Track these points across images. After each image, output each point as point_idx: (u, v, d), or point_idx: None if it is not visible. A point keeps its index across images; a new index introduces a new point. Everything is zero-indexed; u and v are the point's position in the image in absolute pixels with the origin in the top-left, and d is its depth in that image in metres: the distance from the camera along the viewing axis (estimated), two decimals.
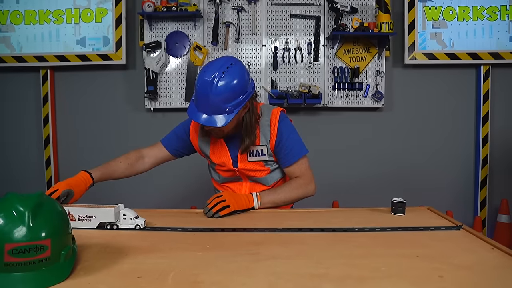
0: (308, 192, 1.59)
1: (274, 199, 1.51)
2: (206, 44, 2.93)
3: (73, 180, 1.42)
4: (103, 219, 1.22)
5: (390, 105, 3.04)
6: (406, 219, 1.35)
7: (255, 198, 1.47)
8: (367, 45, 2.93)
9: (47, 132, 3.06)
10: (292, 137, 1.58)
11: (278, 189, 1.56)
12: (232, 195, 1.44)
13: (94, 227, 1.22)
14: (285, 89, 2.91)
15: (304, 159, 1.61)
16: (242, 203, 1.44)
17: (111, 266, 0.92)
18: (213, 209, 1.36)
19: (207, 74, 1.35)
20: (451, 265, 0.92)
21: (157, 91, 2.93)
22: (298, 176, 1.59)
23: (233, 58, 1.45)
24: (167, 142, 1.69)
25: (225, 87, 1.35)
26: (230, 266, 0.92)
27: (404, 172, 3.09)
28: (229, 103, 1.38)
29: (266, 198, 1.49)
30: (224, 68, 1.36)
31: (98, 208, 1.22)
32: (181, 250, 1.05)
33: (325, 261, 0.95)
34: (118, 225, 1.22)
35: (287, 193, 1.54)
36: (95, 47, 2.95)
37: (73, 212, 1.22)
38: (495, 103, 3.03)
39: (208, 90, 1.34)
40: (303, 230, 1.21)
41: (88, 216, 1.22)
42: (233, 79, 1.36)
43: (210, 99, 1.35)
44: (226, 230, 1.22)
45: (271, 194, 1.52)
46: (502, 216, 2.90)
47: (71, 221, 1.18)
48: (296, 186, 1.56)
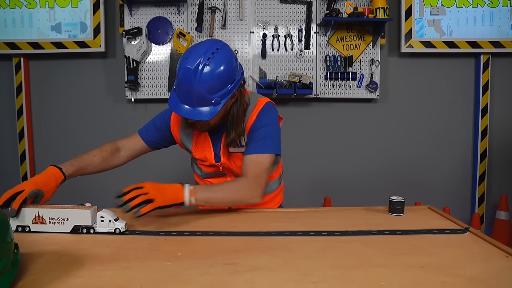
0: (250, 200, 1.32)
1: (209, 197, 1.26)
2: (190, 31, 2.78)
3: (41, 178, 1.23)
4: (78, 222, 1.08)
5: (385, 96, 2.92)
6: (405, 220, 1.22)
7: (187, 193, 1.20)
8: (361, 32, 2.79)
9: (22, 125, 2.89)
10: (268, 130, 1.37)
11: (217, 186, 1.35)
12: (157, 187, 1.17)
13: (67, 231, 1.08)
14: (274, 78, 2.78)
15: (267, 157, 1.35)
16: (169, 198, 1.18)
17: (60, 281, 0.78)
18: (131, 202, 1.10)
19: (190, 60, 1.19)
20: (462, 278, 0.78)
21: (138, 81, 2.77)
22: (247, 174, 1.33)
23: (219, 41, 1.28)
24: (145, 133, 1.52)
25: (210, 76, 1.19)
26: (201, 280, 0.78)
27: (399, 167, 2.98)
28: (216, 94, 1.23)
29: (201, 194, 1.23)
30: (209, 53, 1.20)
31: (72, 209, 1.08)
32: (148, 258, 0.90)
33: (314, 273, 0.81)
34: (95, 228, 1.08)
35: (226, 193, 1.30)
36: (72, 34, 2.77)
37: (43, 214, 1.08)
38: (494, 95, 2.93)
39: (192, 79, 1.18)
40: (289, 234, 1.07)
41: (60, 218, 1.08)
42: (219, 66, 1.21)
43: (194, 89, 1.20)
44: (202, 234, 1.08)
45: (207, 191, 1.28)
46: (501, 212, 2.81)
47: (41, 224, 1.07)
48: (238, 188, 1.31)
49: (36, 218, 1.08)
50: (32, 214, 1.08)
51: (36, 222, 1.08)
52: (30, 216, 1.08)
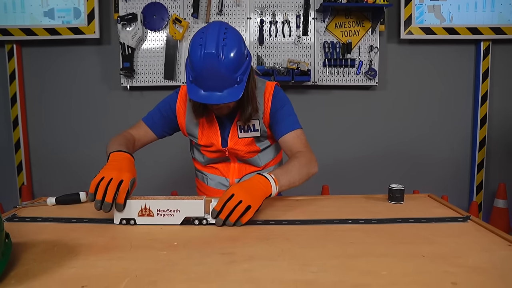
0: (315, 170, 1.32)
1: (290, 180, 1.20)
2: (187, 17, 2.72)
3: (128, 165, 1.13)
4: (190, 214, 1.03)
5: (384, 83, 2.89)
6: (405, 209, 1.20)
7: (273, 183, 1.12)
8: (360, 19, 2.75)
9: (16, 112, 2.84)
10: (288, 108, 1.43)
11: (290, 166, 1.24)
12: (245, 189, 1.05)
13: (178, 223, 1.03)
14: (272, 65, 2.74)
15: (301, 131, 1.42)
16: (260, 195, 1.08)
17: (53, 271, 0.76)
18: (230, 218, 1.01)
19: (208, 45, 1.16)
20: (464, 267, 0.76)
21: (133, 68, 2.73)
22: (300, 149, 1.35)
23: (222, 22, 1.26)
24: (152, 123, 1.46)
25: (231, 56, 1.18)
26: (197, 270, 0.76)
27: (397, 154, 2.97)
28: (238, 72, 1.22)
29: (283, 180, 1.16)
30: (222, 34, 1.19)
31: (183, 200, 1.03)
32: (143, 248, 0.88)
33: (313, 262, 0.79)
34: (208, 219, 1.03)
35: (300, 171, 1.25)
36: (65, 20, 2.72)
37: (150, 206, 1.02)
38: (494, 82, 2.90)
39: (216, 63, 1.16)
40: (288, 222, 1.05)
41: (170, 210, 1.03)
42: (234, 44, 1.20)
43: (221, 72, 1.17)
44: (198, 223, 1.05)
45: (285, 174, 1.20)
46: (499, 201, 2.80)
47: (148, 216, 1.02)
48: (305, 161, 1.28)
49: (143, 211, 1.03)
50: (138, 206, 1.03)
51: (142, 215, 1.03)
52: (136, 209, 1.03)
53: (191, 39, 1.22)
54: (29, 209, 1.22)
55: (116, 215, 1.04)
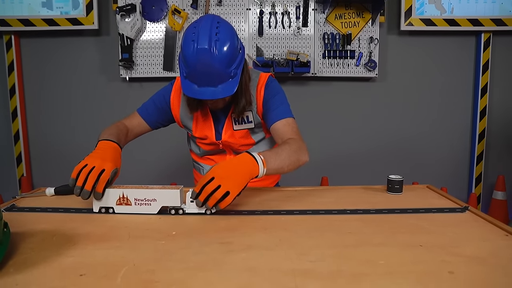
0: (305, 159, 1.26)
1: (279, 164, 1.14)
2: (186, 8, 2.70)
3: (114, 155, 1.14)
4: (166, 203, 1.04)
5: (384, 75, 2.87)
6: (403, 199, 1.20)
7: (261, 164, 1.07)
8: (360, 10, 2.72)
9: (14, 104, 2.84)
10: (280, 97, 1.40)
11: (280, 150, 1.18)
12: (227, 171, 1.01)
13: (155, 212, 1.04)
14: (271, 56, 2.72)
15: (293, 120, 1.39)
16: (244, 178, 1.02)
17: (52, 260, 0.76)
18: (208, 202, 0.99)
19: (201, 41, 1.14)
20: (462, 257, 0.76)
21: (132, 59, 2.71)
22: (291, 136, 1.31)
23: (214, 15, 1.25)
24: (146, 113, 1.46)
25: (224, 50, 1.17)
26: (196, 259, 0.76)
27: (396, 146, 2.96)
28: (232, 66, 1.21)
29: (272, 163, 1.11)
30: (214, 29, 1.17)
31: (160, 189, 1.03)
32: (141, 238, 0.88)
33: (311, 252, 0.79)
34: (184, 209, 1.04)
35: (290, 156, 1.18)
36: (64, 10, 2.70)
37: (128, 195, 1.03)
38: (494, 74, 2.88)
39: (209, 58, 1.15)
40: (286, 212, 1.05)
41: (147, 199, 1.03)
42: (227, 38, 1.18)
43: (214, 68, 1.16)
44: (197, 213, 1.05)
45: (274, 157, 1.14)
46: (498, 193, 2.81)
47: (126, 205, 1.02)
48: (295, 148, 1.23)
49: (121, 199, 1.04)
50: (116, 195, 1.04)
51: (120, 204, 1.04)
52: (115, 197, 1.04)
53: (183, 34, 1.20)
54: (28, 199, 1.22)
55: (95, 204, 1.05)
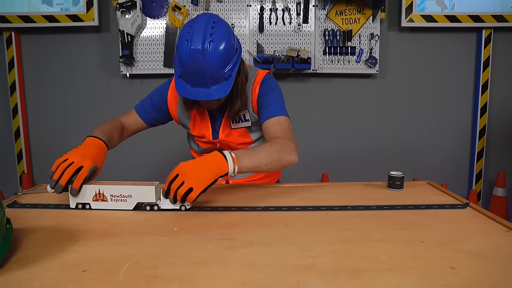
0: (291, 159, 1.20)
1: (255, 162, 1.10)
2: (186, 4, 2.70)
3: (95, 153, 1.13)
4: (142, 199, 1.04)
5: (384, 72, 2.87)
6: (404, 196, 1.20)
7: (230, 162, 1.04)
8: (361, 6, 2.72)
9: (15, 101, 2.83)
10: (275, 95, 1.36)
11: (258, 148, 1.15)
12: (192, 168, 1.00)
13: (130, 208, 1.04)
14: (272, 53, 2.72)
15: (285, 118, 1.32)
16: (209, 175, 1.01)
17: (54, 256, 0.76)
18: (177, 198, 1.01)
19: (194, 41, 1.12)
20: (463, 252, 0.77)
21: (133, 56, 2.71)
22: (279, 135, 1.26)
23: (211, 14, 1.22)
24: (142, 111, 1.46)
25: (218, 52, 1.15)
26: (198, 255, 0.76)
27: (397, 142, 2.97)
28: (226, 68, 1.19)
29: (245, 161, 1.08)
30: (209, 29, 1.15)
31: (135, 186, 1.04)
32: (143, 234, 0.88)
33: (313, 248, 0.79)
34: (159, 205, 1.04)
35: (269, 155, 1.14)
36: (64, 7, 2.69)
37: (104, 191, 1.04)
38: (495, 71, 2.88)
39: (201, 60, 1.13)
40: (287, 208, 1.05)
41: (123, 195, 1.04)
42: (223, 38, 1.16)
43: (206, 69, 1.15)
44: (199, 209, 1.06)
45: (250, 155, 1.10)
46: (498, 189, 2.81)
47: (102, 201, 1.03)
48: (279, 147, 1.18)
49: (97, 195, 1.04)
50: (92, 191, 1.04)
51: (97, 200, 1.05)
52: (91, 194, 1.05)
53: (179, 33, 1.20)
54: (30, 196, 1.22)
55: (71, 200, 1.06)
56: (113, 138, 1.33)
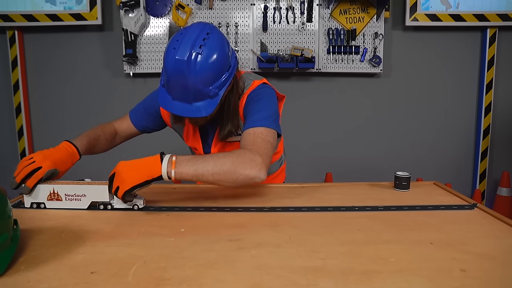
0: (251, 174, 1.03)
1: (198, 170, 1.01)
2: (190, 3, 2.69)
3: (60, 156, 1.14)
4: (96, 198, 1.05)
5: (388, 71, 2.86)
6: (411, 196, 1.20)
7: (165, 164, 0.99)
8: (365, 5, 2.70)
9: (18, 99, 2.83)
10: (260, 104, 1.21)
11: (208, 156, 1.05)
12: (127, 168, 0.99)
13: (84, 208, 1.05)
14: (276, 52, 2.71)
15: (265, 130, 1.15)
16: (139, 175, 0.98)
17: (62, 257, 0.76)
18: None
19: (181, 51, 1.04)
20: (472, 254, 0.76)
21: (136, 55, 2.70)
22: (245, 146, 1.12)
23: (207, 24, 1.14)
24: (135, 118, 1.43)
25: (206, 65, 1.06)
26: (206, 256, 0.76)
27: (400, 142, 2.96)
28: (213, 85, 1.09)
29: (186, 166, 1.00)
30: (200, 40, 1.06)
31: (89, 185, 1.04)
32: (150, 234, 0.88)
33: (321, 249, 0.79)
34: (112, 204, 1.05)
35: (219, 165, 1.01)
36: (67, 6, 2.68)
37: (58, 191, 1.05)
38: (500, 70, 2.86)
39: (185, 72, 1.04)
40: (294, 209, 1.05)
41: (77, 195, 1.05)
42: (213, 53, 1.07)
43: (189, 83, 1.06)
44: (205, 210, 1.05)
45: (194, 161, 1.01)
46: (503, 189, 2.80)
47: (56, 201, 1.04)
48: (235, 158, 1.04)
49: (52, 195, 1.05)
50: (47, 190, 1.05)
51: (51, 199, 1.05)
52: (45, 193, 1.05)
53: (170, 39, 1.10)
54: None
55: (26, 199, 1.06)
56: (99, 144, 1.34)
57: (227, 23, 2.71)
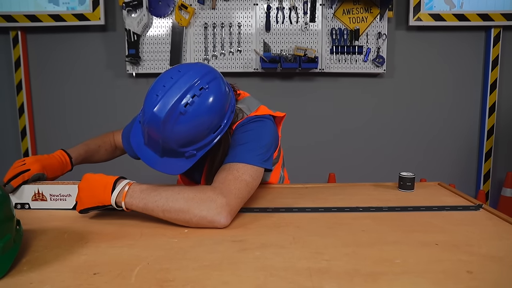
0: (209, 216, 0.89)
1: (148, 204, 0.91)
2: (193, 3, 2.68)
3: (50, 163, 1.17)
4: None
5: (392, 71, 2.84)
6: (416, 197, 1.19)
7: (115, 195, 0.91)
8: (368, 5, 2.69)
9: (21, 100, 2.83)
10: (248, 136, 1.07)
11: (163, 189, 0.93)
12: (85, 185, 0.95)
13: (70, 208, 1.05)
14: (279, 52, 2.70)
15: (244, 167, 1.00)
16: (92, 199, 0.93)
17: (64, 258, 0.76)
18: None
19: (161, 104, 0.89)
20: (479, 256, 0.76)
21: (139, 55, 2.70)
22: (216, 183, 0.96)
23: (209, 73, 0.96)
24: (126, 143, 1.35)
25: (187, 130, 0.92)
26: (210, 257, 0.76)
27: (404, 142, 2.94)
28: (191, 147, 0.96)
29: (137, 198, 0.91)
30: (189, 96, 0.90)
31: (73, 185, 1.05)
32: (154, 235, 0.88)
33: (326, 250, 0.78)
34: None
35: (172, 201, 0.90)
36: (70, 6, 2.68)
37: (43, 191, 1.05)
38: (504, 70, 2.84)
39: (159, 130, 0.91)
40: (298, 210, 1.04)
41: (62, 195, 1.05)
42: (201, 114, 0.92)
43: (162, 142, 0.94)
44: None
45: (148, 193, 0.92)
46: (507, 190, 2.78)
47: (41, 201, 1.04)
48: (193, 196, 0.91)
49: (36, 195, 1.06)
50: (31, 191, 1.06)
51: (36, 199, 1.06)
52: (30, 193, 1.06)
53: (160, 76, 0.96)
54: None
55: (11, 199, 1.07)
56: (98, 154, 1.38)
57: (230, 23, 2.71)
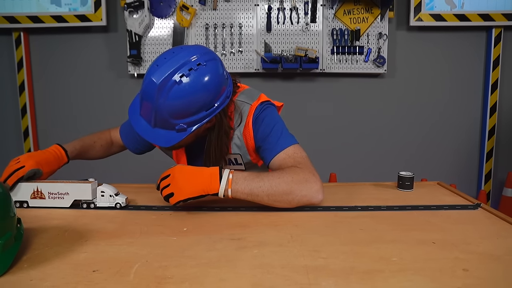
0: (309, 194, 1.00)
1: (253, 190, 0.98)
2: (194, 4, 2.69)
3: (45, 157, 1.16)
4: (78, 197, 1.06)
5: (393, 71, 2.85)
6: (415, 196, 1.19)
7: (224, 183, 0.97)
8: (369, 5, 2.70)
9: (24, 100, 2.85)
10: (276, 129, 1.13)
11: (263, 175, 1.00)
12: (184, 175, 0.98)
13: (67, 206, 1.06)
14: (280, 52, 2.71)
15: (294, 148, 1.10)
16: (195, 188, 0.97)
17: (65, 256, 0.76)
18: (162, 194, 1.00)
19: (159, 72, 0.94)
20: (475, 254, 0.76)
21: (141, 55, 2.71)
22: (293, 165, 1.06)
23: (207, 53, 1.01)
24: (126, 138, 1.40)
25: (179, 99, 0.95)
26: (208, 255, 0.76)
27: (405, 142, 2.94)
28: (182, 120, 0.99)
29: (242, 185, 0.98)
30: (186, 68, 0.95)
31: (72, 183, 1.06)
32: (153, 234, 0.88)
33: (323, 248, 0.79)
34: (95, 203, 1.06)
35: (274, 185, 0.98)
36: (72, 7, 2.70)
37: (42, 189, 1.06)
38: (505, 70, 2.83)
39: (154, 96, 0.95)
40: (297, 208, 1.05)
41: (60, 193, 1.06)
42: (195, 88, 0.96)
43: (155, 109, 0.97)
44: (208, 209, 1.06)
45: (250, 180, 0.99)
46: (508, 190, 2.77)
47: (40, 199, 1.05)
48: (291, 178, 0.99)
49: (35, 193, 1.06)
50: (30, 189, 1.06)
51: (34, 197, 1.06)
52: (28, 191, 1.06)
53: (165, 51, 1.02)
54: None
55: None
56: (93, 150, 1.38)
57: (231, 24, 2.72)
